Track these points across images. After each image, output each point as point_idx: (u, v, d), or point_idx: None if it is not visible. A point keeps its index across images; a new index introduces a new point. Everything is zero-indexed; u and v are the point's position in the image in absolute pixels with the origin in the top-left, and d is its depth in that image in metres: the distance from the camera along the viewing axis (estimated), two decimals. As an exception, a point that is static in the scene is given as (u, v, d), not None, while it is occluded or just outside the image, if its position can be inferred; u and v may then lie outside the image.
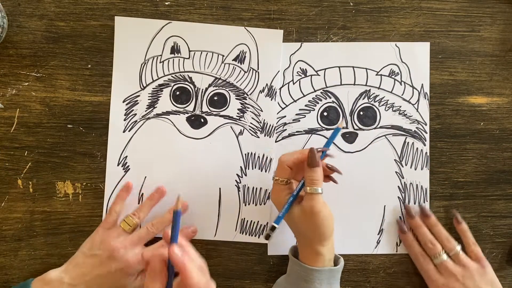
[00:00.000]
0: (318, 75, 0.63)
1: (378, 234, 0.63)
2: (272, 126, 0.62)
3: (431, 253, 0.59)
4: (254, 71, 0.62)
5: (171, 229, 0.45)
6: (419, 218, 0.61)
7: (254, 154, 0.62)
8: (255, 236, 0.62)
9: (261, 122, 0.62)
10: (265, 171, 0.62)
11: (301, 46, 0.63)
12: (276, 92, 0.62)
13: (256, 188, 0.62)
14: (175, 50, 0.62)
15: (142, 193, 0.61)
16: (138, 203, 0.61)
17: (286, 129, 0.63)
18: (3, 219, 0.61)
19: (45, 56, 0.61)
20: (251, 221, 0.62)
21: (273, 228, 0.51)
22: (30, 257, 0.61)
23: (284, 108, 0.63)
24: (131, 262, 0.55)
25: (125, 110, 0.62)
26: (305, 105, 0.63)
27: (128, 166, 0.61)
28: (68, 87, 0.61)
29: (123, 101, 0.62)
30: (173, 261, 0.43)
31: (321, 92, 0.63)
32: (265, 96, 0.62)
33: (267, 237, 0.52)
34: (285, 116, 0.63)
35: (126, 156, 0.61)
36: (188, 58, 0.62)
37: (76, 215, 0.61)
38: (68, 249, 0.61)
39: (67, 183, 0.61)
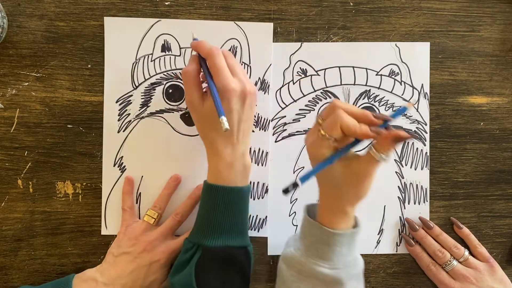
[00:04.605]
0: (318, 75, 0.63)
1: (378, 234, 0.63)
2: (267, 120, 0.62)
3: (442, 261, 0.59)
4: (246, 66, 0.62)
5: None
6: (422, 229, 0.62)
7: (250, 148, 0.62)
8: (254, 230, 0.62)
9: (255, 116, 0.62)
10: (262, 165, 0.62)
11: (301, 46, 0.63)
12: (269, 85, 0.62)
13: (253, 183, 0.62)
14: (165, 48, 0.62)
15: (140, 193, 0.61)
16: (136, 203, 0.61)
17: (286, 129, 0.63)
18: (3, 219, 0.61)
19: (45, 56, 0.61)
20: (250, 215, 0.62)
21: (295, 185, 0.44)
22: (30, 257, 0.61)
23: (284, 108, 0.63)
24: (165, 253, 0.56)
25: (119, 110, 0.61)
26: (305, 105, 0.63)
27: (124, 166, 0.61)
28: (68, 87, 0.61)
29: (116, 102, 0.61)
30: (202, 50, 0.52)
31: (321, 92, 0.63)
32: (258, 90, 0.62)
33: (286, 191, 0.45)
34: (285, 116, 0.63)
35: (122, 157, 0.61)
36: (179, 55, 0.62)
37: (76, 215, 0.61)
38: (68, 249, 0.61)
39: (67, 183, 0.61)
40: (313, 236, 0.50)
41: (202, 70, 0.54)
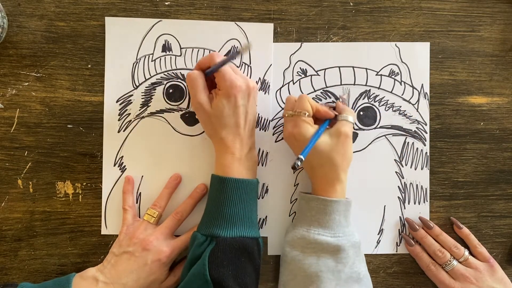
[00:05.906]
0: (318, 75, 0.63)
1: (378, 234, 0.63)
2: (267, 120, 0.62)
3: (442, 261, 0.59)
4: (246, 66, 0.62)
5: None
6: (422, 229, 0.62)
7: (251, 149, 0.62)
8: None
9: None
10: (262, 165, 0.62)
11: (301, 46, 0.63)
12: (269, 85, 0.62)
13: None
14: (166, 48, 0.62)
15: (140, 193, 0.61)
16: (136, 203, 0.61)
17: (286, 129, 0.63)
18: (3, 219, 0.61)
19: (45, 56, 0.61)
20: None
21: (300, 160, 0.50)
22: (30, 257, 0.61)
23: (284, 108, 0.63)
24: (166, 252, 0.56)
25: (119, 110, 0.61)
26: (305, 105, 0.63)
27: (125, 166, 0.61)
28: (68, 87, 0.61)
29: (117, 101, 0.61)
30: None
31: (321, 92, 0.63)
32: (259, 90, 0.62)
33: (294, 168, 0.50)
34: (285, 116, 0.63)
35: (122, 156, 0.61)
36: (180, 55, 0.62)
37: (76, 215, 0.61)
38: (68, 249, 0.61)
39: (67, 183, 0.61)
40: (313, 209, 0.55)
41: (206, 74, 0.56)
